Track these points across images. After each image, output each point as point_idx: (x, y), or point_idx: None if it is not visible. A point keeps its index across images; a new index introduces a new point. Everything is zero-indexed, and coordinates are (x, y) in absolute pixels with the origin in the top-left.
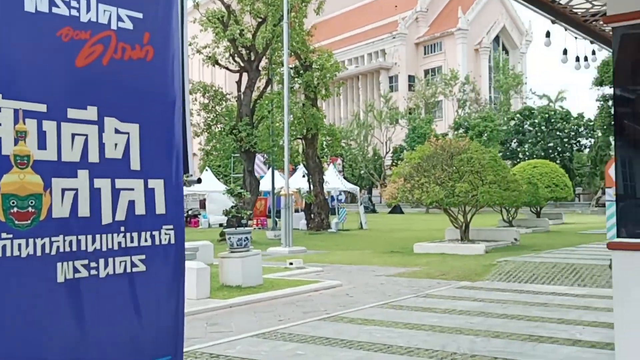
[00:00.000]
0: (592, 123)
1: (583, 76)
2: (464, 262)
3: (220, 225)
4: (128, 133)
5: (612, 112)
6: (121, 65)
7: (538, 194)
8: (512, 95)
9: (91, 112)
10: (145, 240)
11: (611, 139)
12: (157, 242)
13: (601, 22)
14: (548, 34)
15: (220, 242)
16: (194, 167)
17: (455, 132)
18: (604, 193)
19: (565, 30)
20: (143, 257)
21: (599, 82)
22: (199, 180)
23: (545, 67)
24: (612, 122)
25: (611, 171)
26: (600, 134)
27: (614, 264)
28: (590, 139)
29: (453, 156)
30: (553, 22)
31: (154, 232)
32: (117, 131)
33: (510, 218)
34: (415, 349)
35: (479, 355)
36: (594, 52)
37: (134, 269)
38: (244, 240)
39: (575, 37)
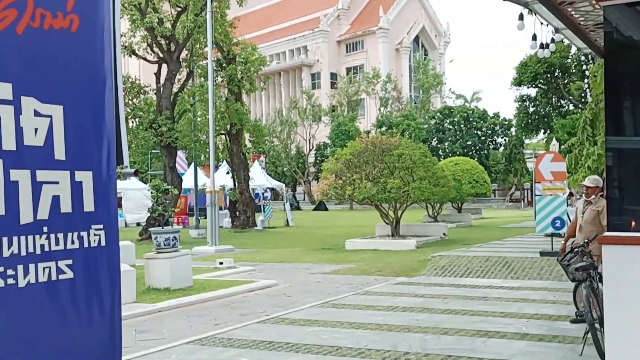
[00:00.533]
0: (507, 122)
1: (500, 77)
2: (398, 257)
3: (138, 224)
4: (50, 116)
5: (529, 111)
6: (40, 35)
7: (462, 190)
8: (432, 94)
9: (4, 90)
10: (72, 243)
11: (524, 138)
12: (86, 245)
13: (570, 8)
14: (521, 17)
15: (141, 242)
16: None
17: (378, 130)
18: (517, 189)
19: (535, 14)
20: (70, 262)
21: (518, 83)
22: (136, 173)
23: (463, 67)
24: (529, 121)
25: (541, 167)
26: (514, 133)
27: (604, 258)
28: (505, 137)
29: (384, 152)
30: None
31: (82, 233)
32: (37, 113)
33: (435, 213)
34: (365, 350)
35: (432, 354)
36: (552, 40)
37: (60, 276)
38: (172, 240)
39: (542, 23)
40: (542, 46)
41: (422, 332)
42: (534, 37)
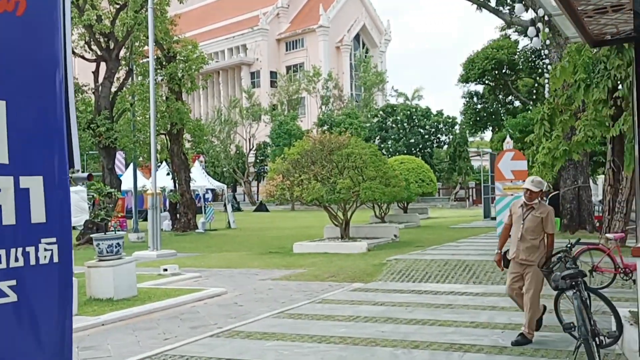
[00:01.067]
0: (450, 120)
1: (445, 75)
2: (350, 261)
3: (74, 228)
4: None
5: (477, 108)
6: None
7: (409, 189)
8: (375, 92)
9: None
10: (16, 260)
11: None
12: (33, 262)
13: None
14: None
15: (78, 247)
16: None
17: (320, 129)
18: (462, 188)
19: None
20: (13, 283)
21: (465, 79)
22: (90, 177)
23: (403, 65)
24: (477, 119)
25: (501, 165)
26: (458, 131)
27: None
28: (449, 135)
29: (333, 151)
30: None
31: (28, 248)
32: None
33: (383, 214)
34: None
35: None
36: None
37: (2, 300)
38: (116, 247)
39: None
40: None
41: (391, 346)
42: (532, 23)
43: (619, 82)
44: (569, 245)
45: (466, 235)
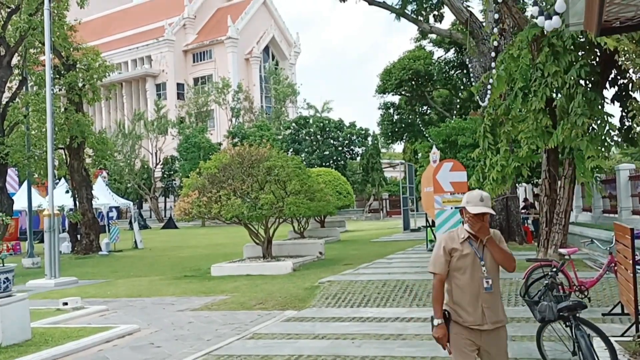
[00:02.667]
0: (364, 131)
1: (356, 86)
2: (278, 284)
3: None
4: None
5: (394, 119)
6: None
7: (330, 202)
8: (286, 104)
9: None
10: None
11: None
12: None
13: None
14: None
15: None
16: None
17: (231, 142)
18: (375, 199)
19: None
20: None
21: (382, 90)
22: None
23: (314, 78)
24: (395, 129)
25: (440, 177)
26: (370, 142)
27: None
28: (362, 147)
29: (253, 165)
30: None
31: None
32: None
33: (302, 229)
34: None
35: None
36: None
37: None
38: (4, 282)
39: None
40: (547, 17)
41: None
42: (540, 10)
43: (555, 90)
44: (554, 270)
45: (393, 250)
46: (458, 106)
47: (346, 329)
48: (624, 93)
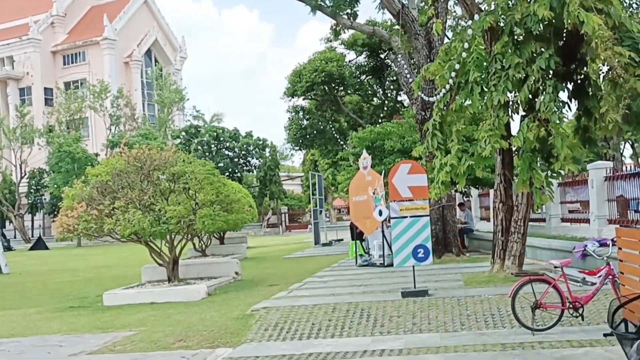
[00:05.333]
0: (261, 142)
1: (252, 95)
2: (197, 314)
3: None
4: None
5: (304, 124)
6: None
7: (248, 214)
8: (173, 112)
9: None
10: None
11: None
12: None
13: None
14: None
15: None
16: None
17: (111, 151)
18: (274, 213)
19: None
20: None
21: (291, 93)
22: None
23: (203, 87)
24: (305, 135)
25: (396, 181)
26: (268, 154)
27: None
28: (259, 158)
29: (155, 171)
30: None
31: None
32: None
33: (204, 246)
34: None
35: None
36: None
37: None
38: None
39: None
40: None
41: None
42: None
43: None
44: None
45: (317, 268)
46: (369, 114)
47: None
48: (581, 89)
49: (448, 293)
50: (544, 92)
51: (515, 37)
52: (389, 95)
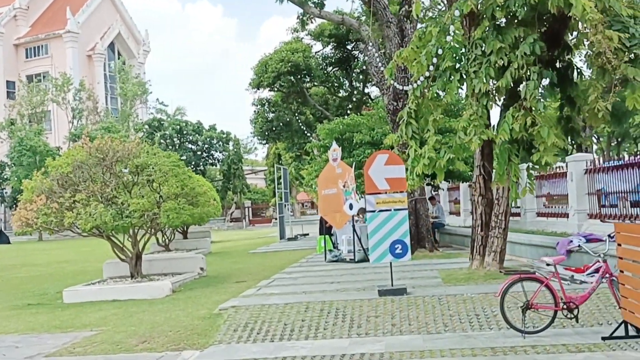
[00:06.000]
0: (225, 135)
1: (215, 90)
2: (162, 312)
3: None
4: None
5: (269, 117)
6: None
7: (214, 207)
8: (136, 105)
9: None
10: None
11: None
12: None
13: None
14: None
15: None
16: None
17: (73, 145)
18: (237, 207)
19: None
20: None
21: (257, 85)
22: None
23: (167, 82)
24: (272, 128)
25: (373, 172)
26: (232, 147)
27: None
28: (223, 152)
29: (118, 163)
30: None
31: None
32: None
33: (167, 241)
34: None
35: None
36: None
37: None
38: None
39: None
40: None
41: None
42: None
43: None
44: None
45: (284, 263)
46: (335, 106)
47: None
48: (564, 77)
49: (427, 291)
50: (530, 79)
51: (497, 22)
52: (356, 87)
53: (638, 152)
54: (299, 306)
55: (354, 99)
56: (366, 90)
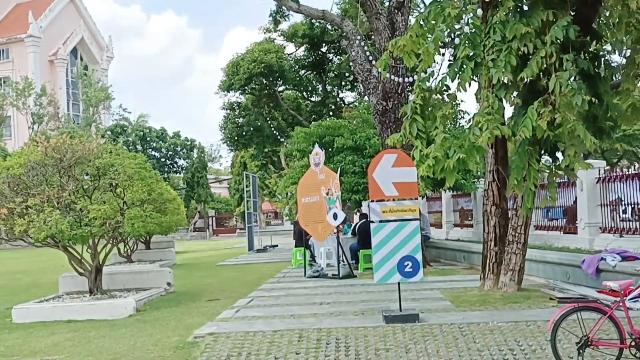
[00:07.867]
0: (189, 142)
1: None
2: (125, 338)
3: None
4: None
5: (240, 121)
6: None
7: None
8: (99, 110)
9: None
10: None
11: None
12: None
13: None
14: None
15: None
16: None
17: (27, 143)
18: (201, 217)
19: None
20: None
21: (227, 87)
22: None
23: (130, 86)
24: (242, 133)
25: (378, 175)
26: (196, 155)
27: None
28: (187, 159)
29: (77, 164)
30: None
31: None
32: None
33: (129, 252)
34: None
35: None
36: None
37: None
38: None
39: None
40: None
41: None
42: None
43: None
44: None
45: (258, 278)
46: (307, 111)
47: None
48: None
49: (441, 318)
50: (562, 69)
51: (519, 4)
52: (330, 91)
53: None
54: (290, 334)
55: (329, 104)
56: (341, 95)
